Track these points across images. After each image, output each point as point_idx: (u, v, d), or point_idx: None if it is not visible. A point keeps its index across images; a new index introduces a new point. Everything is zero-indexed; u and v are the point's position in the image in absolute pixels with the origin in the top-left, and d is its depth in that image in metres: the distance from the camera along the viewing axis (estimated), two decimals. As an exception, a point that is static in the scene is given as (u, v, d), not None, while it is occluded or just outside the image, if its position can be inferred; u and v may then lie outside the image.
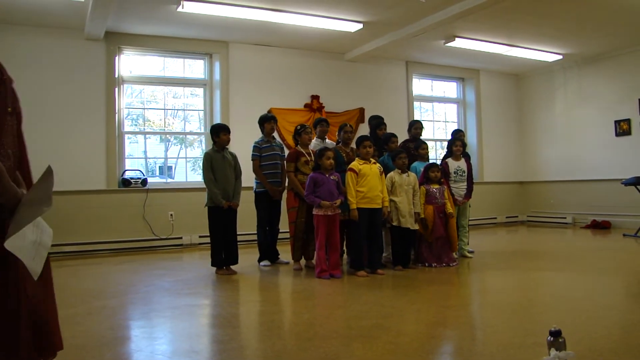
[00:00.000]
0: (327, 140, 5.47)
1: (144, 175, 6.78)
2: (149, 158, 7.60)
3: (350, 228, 4.64)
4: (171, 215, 6.69)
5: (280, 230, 5.41)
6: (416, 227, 4.85)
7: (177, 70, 7.27)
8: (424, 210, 4.91)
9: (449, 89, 9.52)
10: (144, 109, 7.29)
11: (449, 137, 6.02)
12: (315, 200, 4.42)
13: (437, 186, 5.04)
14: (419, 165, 5.25)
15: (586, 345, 2.45)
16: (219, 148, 4.76)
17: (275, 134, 6.17)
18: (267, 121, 5.25)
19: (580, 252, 5.51)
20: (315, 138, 5.41)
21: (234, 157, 4.88)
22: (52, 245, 1.37)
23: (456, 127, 8.54)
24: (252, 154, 5.16)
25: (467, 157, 5.76)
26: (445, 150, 5.96)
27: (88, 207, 6.29)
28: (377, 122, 5.70)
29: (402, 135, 6.05)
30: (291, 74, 7.57)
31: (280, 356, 2.43)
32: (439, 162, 5.69)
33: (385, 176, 4.76)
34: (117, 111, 6.60)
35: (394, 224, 4.78)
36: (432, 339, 2.68)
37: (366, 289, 3.96)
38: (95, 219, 6.28)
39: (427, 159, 5.45)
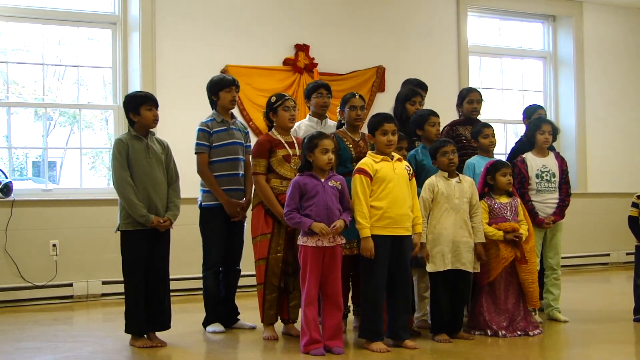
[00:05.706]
0: (328, 120, 5.48)
1: (6, 177, 6.73)
2: (16, 148, 7.52)
3: (361, 270, 4.65)
4: (54, 246, 6.60)
5: (243, 273, 5.41)
6: (477, 269, 4.84)
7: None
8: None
9: (530, 34, 9.51)
10: (6, 63, 7.23)
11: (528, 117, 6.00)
12: (302, 221, 4.41)
13: (506, 199, 5.04)
14: (481, 163, 5.23)
15: None
16: (140, 132, 4.73)
17: (236, 111, 6.10)
18: (223, 88, 5.23)
19: None
20: (307, 116, 5.45)
21: (166, 148, 4.86)
22: None
23: (535, 103, 8.45)
24: (197, 144, 5.16)
25: (558, 152, 5.75)
26: (519, 137, 5.94)
27: None
28: (407, 92, 5.67)
29: (449, 114, 6.01)
30: (262, 10, 7.54)
31: None
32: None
33: (418, 181, 4.76)
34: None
35: (438, 268, 4.76)
36: None
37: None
38: None
39: (492, 153, 5.43)
